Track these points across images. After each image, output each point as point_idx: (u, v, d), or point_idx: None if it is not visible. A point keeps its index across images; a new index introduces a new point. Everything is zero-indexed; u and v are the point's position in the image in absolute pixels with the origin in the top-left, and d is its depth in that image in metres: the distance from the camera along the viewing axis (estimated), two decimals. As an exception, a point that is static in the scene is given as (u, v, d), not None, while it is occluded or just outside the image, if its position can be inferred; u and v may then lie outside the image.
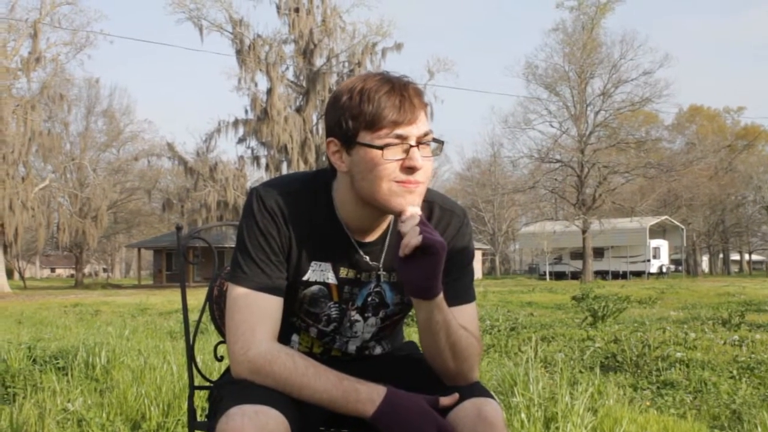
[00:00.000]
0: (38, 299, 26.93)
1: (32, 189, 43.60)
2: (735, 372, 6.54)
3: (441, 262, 1.71)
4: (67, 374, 5.82)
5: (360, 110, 1.74)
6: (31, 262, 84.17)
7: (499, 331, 10.00)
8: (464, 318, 1.89)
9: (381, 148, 1.73)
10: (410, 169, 1.75)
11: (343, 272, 1.94)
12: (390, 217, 1.93)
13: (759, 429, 4.35)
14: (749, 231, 72.89)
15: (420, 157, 1.76)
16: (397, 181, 1.75)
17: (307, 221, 1.89)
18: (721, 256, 78.81)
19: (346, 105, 1.76)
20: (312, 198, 1.91)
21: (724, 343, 8.44)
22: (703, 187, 58.15)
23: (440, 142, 1.84)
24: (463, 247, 1.98)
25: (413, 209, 1.75)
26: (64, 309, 19.34)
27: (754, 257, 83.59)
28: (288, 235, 1.87)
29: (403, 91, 1.76)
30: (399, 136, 1.74)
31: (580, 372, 6.48)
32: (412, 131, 1.76)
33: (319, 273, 1.92)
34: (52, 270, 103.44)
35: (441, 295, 1.77)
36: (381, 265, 1.95)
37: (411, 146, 1.75)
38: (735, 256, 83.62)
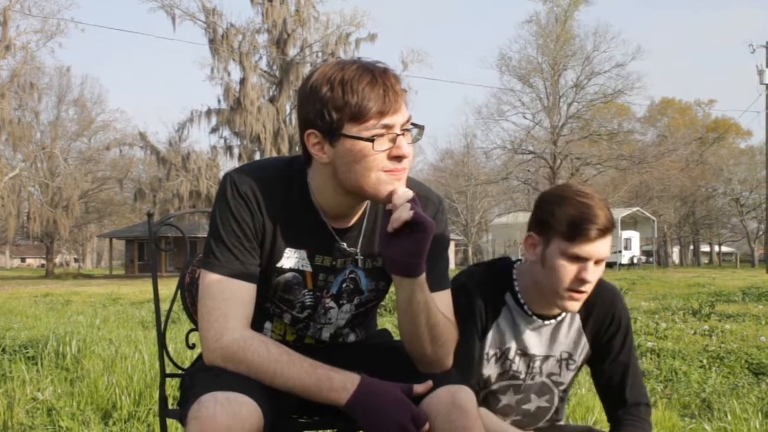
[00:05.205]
0: (8, 289, 26.60)
1: (2, 178, 43.08)
2: (705, 361, 6.61)
3: (428, 240, 1.72)
4: (36, 363, 5.78)
5: (344, 102, 1.72)
6: (1, 252, 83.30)
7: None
8: (440, 304, 1.88)
9: (371, 140, 1.72)
10: (397, 158, 1.75)
11: (319, 259, 1.92)
12: (366, 203, 1.92)
13: (728, 417, 4.39)
14: (719, 223, 73.50)
15: (406, 145, 1.76)
16: (386, 170, 1.75)
17: (282, 207, 1.87)
18: (691, 247, 79.51)
19: (327, 96, 1.73)
20: (287, 184, 1.89)
21: (695, 333, 8.52)
22: (674, 179, 58.47)
23: (420, 127, 1.84)
24: (439, 233, 1.96)
25: (404, 189, 1.76)
26: (35, 299, 19.13)
27: (724, 249, 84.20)
28: (262, 221, 1.86)
29: (385, 80, 1.75)
30: (385, 126, 1.73)
31: (553, 361, 6.51)
32: (398, 119, 1.75)
33: (294, 260, 1.91)
34: (23, 260, 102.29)
35: (423, 276, 1.77)
36: (358, 251, 1.94)
37: (397, 135, 1.75)
38: (705, 248, 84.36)
